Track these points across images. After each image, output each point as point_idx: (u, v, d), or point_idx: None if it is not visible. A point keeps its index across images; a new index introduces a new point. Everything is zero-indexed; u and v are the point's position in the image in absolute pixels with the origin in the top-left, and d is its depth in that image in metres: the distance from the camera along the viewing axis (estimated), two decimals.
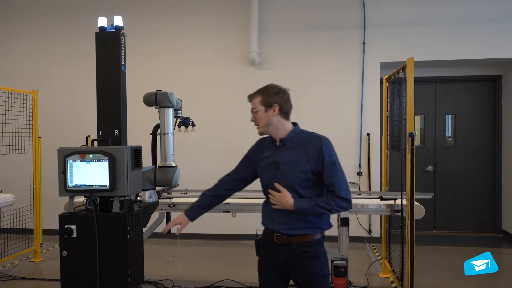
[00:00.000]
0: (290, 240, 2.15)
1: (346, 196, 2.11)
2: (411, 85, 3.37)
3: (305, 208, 2.09)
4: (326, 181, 2.11)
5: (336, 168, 2.11)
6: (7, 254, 4.68)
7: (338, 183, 2.09)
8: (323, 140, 2.14)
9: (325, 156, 2.10)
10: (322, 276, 2.18)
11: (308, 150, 2.13)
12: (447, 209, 6.09)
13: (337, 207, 2.10)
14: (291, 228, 2.15)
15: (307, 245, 2.15)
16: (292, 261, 2.17)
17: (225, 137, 5.78)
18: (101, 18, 2.81)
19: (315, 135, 2.20)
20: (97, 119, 2.80)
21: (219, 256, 5.16)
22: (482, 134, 6.06)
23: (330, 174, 2.10)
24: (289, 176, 2.13)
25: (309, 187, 2.14)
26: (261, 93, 2.22)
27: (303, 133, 2.23)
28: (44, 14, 6.23)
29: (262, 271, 2.32)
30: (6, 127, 4.70)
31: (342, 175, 2.13)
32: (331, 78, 5.69)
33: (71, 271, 2.59)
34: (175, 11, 5.97)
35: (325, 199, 2.10)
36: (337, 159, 2.14)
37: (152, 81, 5.34)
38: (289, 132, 2.20)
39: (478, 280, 4.04)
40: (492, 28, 5.42)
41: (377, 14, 5.61)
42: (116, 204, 2.60)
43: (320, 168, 2.10)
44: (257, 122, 2.22)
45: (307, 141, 2.16)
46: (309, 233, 2.15)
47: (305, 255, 2.14)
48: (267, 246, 2.27)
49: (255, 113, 2.22)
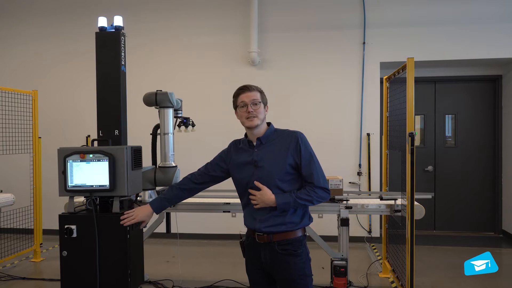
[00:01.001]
0: (271, 238, 2.18)
1: (325, 185, 2.19)
2: (411, 85, 3.37)
3: (287, 202, 2.13)
4: (304, 173, 2.18)
5: (313, 159, 2.20)
6: (7, 254, 4.68)
7: (316, 174, 2.17)
8: (298, 134, 2.23)
9: (302, 149, 2.18)
10: (303, 275, 2.19)
11: (285, 145, 2.20)
12: (447, 209, 6.09)
13: (317, 198, 2.16)
14: (272, 225, 2.18)
15: (287, 243, 2.18)
16: (274, 260, 2.19)
17: (225, 137, 5.74)
18: (101, 18, 2.81)
19: (290, 131, 2.29)
20: (97, 119, 2.80)
21: (219, 256, 5.16)
22: (482, 134, 6.06)
23: (308, 166, 2.17)
24: (269, 172, 2.18)
25: (289, 181, 2.19)
26: (260, 91, 2.33)
27: (278, 131, 2.31)
28: (44, 14, 6.23)
29: (250, 273, 2.35)
30: (6, 127, 4.70)
31: (319, 166, 2.22)
32: (331, 78, 5.69)
33: (71, 271, 2.59)
34: (175, 11, 5.97)
35: (305, 191, 2.16)
36: (313, 151, 2.23)
37: (152, 81, 5.34)
38: (265, 131, 2.28)
39: (478, 280, 4.04)
40: (492, 28, 5.42)
41: (377, 14, 5.61)
42: (116, 204, 2.59)
43: (298, 161, 2.18)
44: (257, 113, 2.24)
45: (283, 137, 2.25)
46: (289, 230, 2.18)
47: (286, 253, 2.17)
48: (250, 247, 2.31)
49: (256, 105, 2.25)
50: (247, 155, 2.28)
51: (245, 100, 2.26)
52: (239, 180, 2.32)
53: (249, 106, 2.23)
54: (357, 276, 4.24)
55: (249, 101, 2.25)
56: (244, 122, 2.28)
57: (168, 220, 3.95)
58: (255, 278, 2.32)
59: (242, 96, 2.29)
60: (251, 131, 2.27)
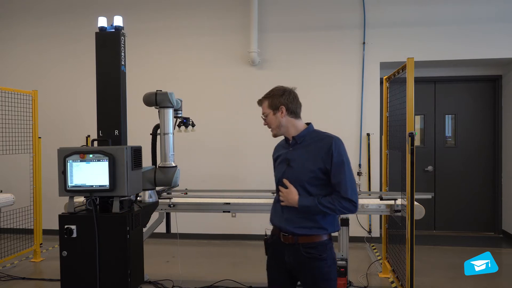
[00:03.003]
0: (296, 240, 2.15)
1: (352, 197, 2.09)
2: (411, 85, 3.37)
3: (308, 206, 2.10)
4: (332, 180, 2.12)
5: (344, 168, 2.10)
6: (7, 254, 4.68)
7: (344, 184, 2.08)
8: (333, 139, 2.16)
9: (334, 155, 2.10)
10: (327, 280, 2.16)
11: (319, 148, 2.15)
12: (447, 209, 6.09)
13: (341, 208, 2.09)
14: (297, 226, 2.15)
15: (312, 247, 2.14)
16: (298, 262, 2.17)
17: (225, 137, 5.78)
18: (101, 18, 2.81)
19: (327, 134, 2.23)
20: (97, 119, 2.80)
21: (219, 256, 5.15)
22: (482, 134, 6.06)
23: (337, 174, 2.10)
24: (298, 173, 2.16)
25: (318, 186, 2.14)
26: (267, 97, 2.28)
27: (316, 132, 2.27)
28: (44, 14, 6.23)
29: (270, 270, 2.32)
30: (6, 127, 4.70)
31: (350, 176, 2.12)
32: (331, 78, 5.69)
33: (71, 271, 2.59)
34: (175, 11, 5.97)
35: (329, 199, 2.10)
36: (347, 160, 2.14)
37: (152, 81, 5.34)
38: (301, 131, 2.24)
39: (478, 280, 4.04)
40: (492, 28, 5.42)
41: (377, 14, 5.61)
42: (116, 204, 2.60)
43: (328, 166, 2.11)
44: (269, 125, 2.28)
45: (318, 140, 2.19)
46: (314, 234, 2.15)
47: (310, 256, 2.14)
48: (274, 245, 2.28)
49: (265, 118, 2.28)
50: (283, 153, 2.28)
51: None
52: (275, 176, 2.33)
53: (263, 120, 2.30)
54: (357, 276, 4.24)
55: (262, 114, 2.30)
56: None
57: (168, 220, 3.96)
58: (275, 277, 2.29)
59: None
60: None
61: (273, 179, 2.35)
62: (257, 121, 5.78)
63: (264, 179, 5.42)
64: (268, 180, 5.13)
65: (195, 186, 4.71)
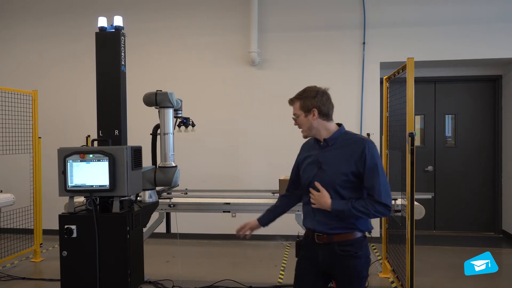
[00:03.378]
0: (330, 239, 2.13)
1: (386, 201, 2.06)
2: (411, 85, 3.37)
3: (342, 210, 2.07)
4: (366, 184, 2.09)
5: (377, 172, 2.07)
6: (7, 254, 4.67)
7: (378, 188, 2.05)
8: (366, 142, 2.12)
9: (367, 158, 2.07)
10: (360, 278, 2.15)
11: (351, 151, 2.11)
12: (447, 209, 6.09)
13: (375, 212, 2.06)
14: (331, 227, 2.13)
15: (347, 244, 2.12)
16: (333, 261, 2.14)
17: (225, 137, 5.78)
18: (101, 18, 2.82)
19: (359, 137, 2.20)
20: (97, 119, 2.81)
21: (219, 256, 5.15)
22: (482, 134, 6.06)
23: (370, 178, 2.07)
24: (330, 176, 2.12)
25: (350, 188, 2.12)
26: (300, 98, 2.23)
27: (348, 134, 2.22)
28: (44, 14, 6.23)
29: (300, 272, 2.28)
30: (6, 127, 4.70)
31: (384, 180, 2.09)
32: (331, 78, 5.69)
33: (71, 271, 2.60)
34: (175, 11, 5.97)
35: (363, 203, 2.07)
36: (380, 163, 2.11)
37: (152, 81, 5.34)
38: (333, 132, 2.20)
39: (478, 280, 4.03)
40: (492, 28, 5.42)
41: (377, 14, 5.60)
42: (116, 204, 2.60)
43: (361, 170, 2.08)
44: (299, 126, 2.24)
45: (351, 142, 2.15)
46: (349, 232, 2.13)
47: (346, 254, 2.12)
48: (307, 247, 2.26)
49: (296, 119, 2.23)
50: (313, 154, 2.24)
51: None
52: (302, 178, 2.28)
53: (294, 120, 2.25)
54: None
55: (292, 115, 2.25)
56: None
57: (168, 220, 3.96)
58: (305, 278, 2.25)
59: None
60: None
61: (273, 179, 2.35)
62: (257, 121, 5.82)
63: (264, 179, 5.44)
64: (268, 180, 5.17)
65: (195, 186, 4.71)
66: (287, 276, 4.29)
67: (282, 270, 4.50)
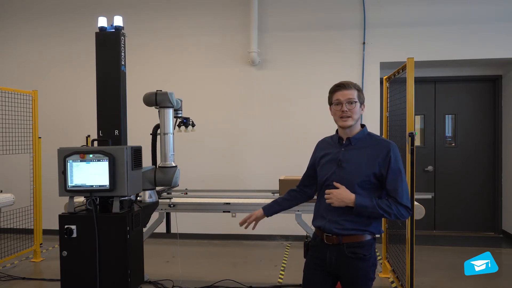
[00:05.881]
0: (340, 240, 2.12)
1: (407, 204, 2.09)
2: (411, 85, 3.37)
3: (367, 206, 2.05)
4: (388, 187, 2.09)
5: (401, 175, 2.09)
6: (7, 254, 4.67)
7: (401, 190, 2.07)
8: (391, 145, 2.13)
9: (392, 162, 2.08)
10: (367, 280, 2.16)
11: (375, 153, 2.11)
12: (447, 209, 6.09)
13: (397, 213, 2.07)
14: (342, 228, 2.11)
15: (357, 246, 2.12)
16: (341, 262, 2.13)
17: (225, 137, 5.78)
18: (101, 18, 2.82)
19: (383, 139, 2.22)
20: (97, 119, 2.81)
21: (219, 256, 5.16)
22: (482, 134, 6.06)
23: (394, 181, 2.08)
24: (350, 175, 2.11)
25: (368, 189, 2.11)
26: (358, 89, 2.20)
27: (371, 135, 2.22)
28: (44, 14, 6.23)
29: (308, 273, 2.27)
30: (6, 127, 4.70)
31: (405, 183, 2.12)
32: (331, 78, 5.59)
33: (71, 271, 2.60)
34: (175, 11, 5.97)
35: (386, 202, 2.07)
36: (402, 166, 2.12)
37: (152, 81, 5.34)
38: (358, 132, 2.19)
39: (478, 280, 4.04)
40: (492, 28, 5.41)
41: (377, 14, 5.60)
42: (116, 204, 2.60)
43: (384, 172, 2.08)
44: (351, 113, 2.14)
45: (375, 144, 2.16)
46: (359, 233, 2.12)
47: (355, 256, 2.11)
48: (317, 247, 2.24)
49: (351, 104, 2.14)
50: (333, 152, 2.21)
51: (340, 98, 2.16)
52: (319, 175, 2.26)
53: (344, 105, 2.14)
54: None
55: (344, 99, 2.15)
56: (337, 121, 2.19)
57: (168, 220, 3.96)
58: (314, 279, 2.24)
59: (338, 94, 2.18)
60: (343, 130, 2.20)
61: (273, 179, 2.35)
62: (257, 121, 5.81)
63: (264, 179, 5.44)
64: (268, 180, 5.18)
65: (195, 186, 4.71)
66: (287, 276, 4.30)
67: (282, 270, 4.50)
